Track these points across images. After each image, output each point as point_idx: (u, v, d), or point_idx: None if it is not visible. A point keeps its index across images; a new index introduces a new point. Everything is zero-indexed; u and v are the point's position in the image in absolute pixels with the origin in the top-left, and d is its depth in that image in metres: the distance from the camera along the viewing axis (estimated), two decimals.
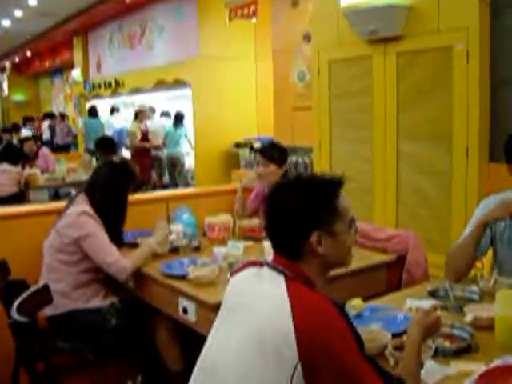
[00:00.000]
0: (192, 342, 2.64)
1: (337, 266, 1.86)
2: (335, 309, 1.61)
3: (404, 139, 5.43)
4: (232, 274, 1.92)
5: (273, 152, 4.21)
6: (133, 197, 4.31)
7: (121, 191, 3.57)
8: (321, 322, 1.57)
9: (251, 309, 1.69)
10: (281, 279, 1.69)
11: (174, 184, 10.80)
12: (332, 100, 6.18)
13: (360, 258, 3.31)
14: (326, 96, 6.23)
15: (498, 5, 4.79)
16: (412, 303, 2.39)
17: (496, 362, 1.86)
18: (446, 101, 5.00)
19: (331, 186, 1.81)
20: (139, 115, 10.33)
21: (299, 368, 1.54)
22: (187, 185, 10.64)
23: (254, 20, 9.26)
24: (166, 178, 11.42)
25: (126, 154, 12.43)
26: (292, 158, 7.23)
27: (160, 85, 11.70)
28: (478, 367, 1.84)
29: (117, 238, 3.49)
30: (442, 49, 5.02)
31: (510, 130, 2.74)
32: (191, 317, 2.85)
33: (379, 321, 2.23)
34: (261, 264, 1.80)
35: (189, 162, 11.10)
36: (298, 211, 1.74)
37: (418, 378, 1.76)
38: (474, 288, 2.54)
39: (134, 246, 3.63)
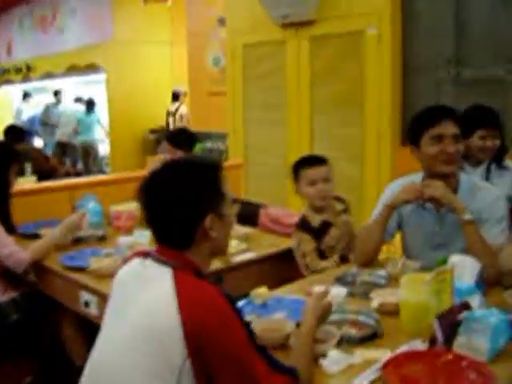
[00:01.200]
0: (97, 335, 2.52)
1: (220, 251, 1.81)
2: (223, 299, 1.55)
3: (318, 123, 5.43)
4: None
5: (180, 138, 4.10)
6: (34, 186, 4.11)
7: None
8: (208, 314, 1.51)
9: (136, 303, 1.60)
10: (167, 271, 1.60)
11: (88, 172, 10.50)
12: (246, 84, 6.13)
13: (269, 245, 3.26)
14: (240, 80, 6.17)
15: None
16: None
17: (402, 348, 1.82)
18: (358, 85, 5.02)
19: (213, 169, 1.76)
20: (181, 96, 9.36)
21: (188, 362, 1.49)
22: (101, 172, 10.37)
23: (169, 2, 9.10)
24: (80, 166, 11.11)
25: (38, 142, 12.01)
26: (207, 144, 7.13)
27: (73, 69, 11.35)
28: (383, 354, 1.79)
29: (8, 226, 3.31)
30: (353, 33, 5.04)
31: None
32: (93, 310, 2.72)
33: (284, 309, 2.16)
34: (147, 254, 1.71)
35: (104, 148, 10.83)
36: (188, 197, 1.66)
37: (311, 366, 1.71)
38: (382, 272, 2.50)
39: (36, 237, 3.44)
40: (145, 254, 1.71)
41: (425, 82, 4.76)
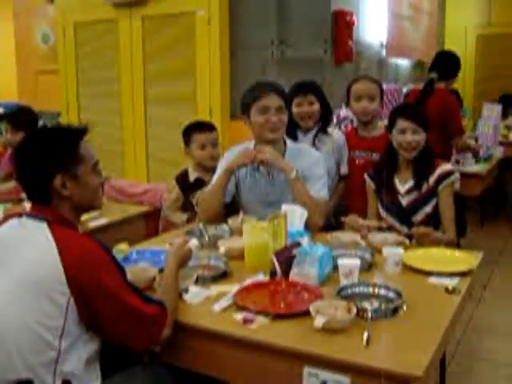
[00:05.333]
0: None
1: (87, 207, 2.02)
2: (97, 245, 1.81)
3: (152, 101, 5.69)
4: None
5: (21, 118, 4.23)
6: None
7: None
8: (85, 258, 1.76)
9: (18, 257, 1.78)
10: (43, 225, 1.81)
11: None
12: (79, 61, 6.21)
13: (120, 211, 3.55)
14: (73, 58, 6.23)
15: None
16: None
17: (248, 281, 2.21)
18: (190, 64, 5.33)
19: (72, 134, 1.95)
20: None
21: (72, 302, 1.73)
22: None
23: None
24: None
25: None
26: (39, 123, 7.09)
27: None
28: (233, 287, 2.16)
29: None
30: (185, 14, 5.32)
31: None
32: None
33: (145, 261, 2.47)
34: (20, 215, 1.90)
35: None
36: (39, 157, 1.88)
37: (176, 300, 2.04)
38: (225, 227, 2.89)
39: None
40: (19, 214, 1.91)
41: (251, 61, 5.15)
